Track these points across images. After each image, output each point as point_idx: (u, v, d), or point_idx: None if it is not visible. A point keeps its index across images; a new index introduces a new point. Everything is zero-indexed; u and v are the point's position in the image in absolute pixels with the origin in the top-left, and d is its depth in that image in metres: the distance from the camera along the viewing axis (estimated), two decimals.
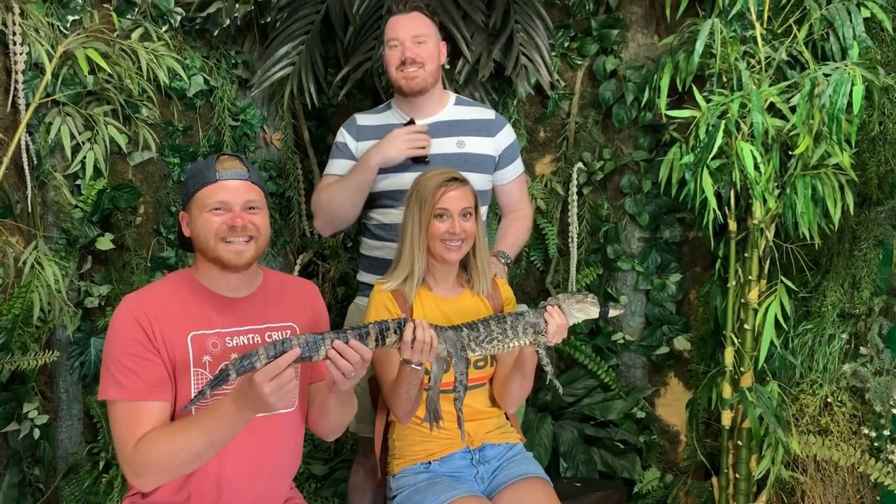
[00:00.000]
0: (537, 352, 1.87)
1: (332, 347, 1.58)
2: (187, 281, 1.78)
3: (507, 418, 2.21)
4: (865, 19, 2.46)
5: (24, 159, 2.54)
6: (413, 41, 2.30)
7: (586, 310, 1.88)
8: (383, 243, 2.40)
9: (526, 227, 2.57)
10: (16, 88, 2.51)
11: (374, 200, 2.41)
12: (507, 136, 2.48)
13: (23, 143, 2.52)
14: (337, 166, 2.43)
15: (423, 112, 2.40)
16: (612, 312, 1.91)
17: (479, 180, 2.36)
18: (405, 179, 2.26)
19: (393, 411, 2.01)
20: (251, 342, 1.77)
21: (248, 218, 1.74)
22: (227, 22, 2.87)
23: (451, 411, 1.89)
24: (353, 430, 2.39)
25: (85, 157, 2.63)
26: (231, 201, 1.72)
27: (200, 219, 1.73)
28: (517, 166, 2.52)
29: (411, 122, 2.38)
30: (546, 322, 1.83)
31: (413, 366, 1.76)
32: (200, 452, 1.59)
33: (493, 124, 2.45)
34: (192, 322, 1.72)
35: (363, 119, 2.48)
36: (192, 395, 1.69)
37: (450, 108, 2.45)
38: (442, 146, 2.37)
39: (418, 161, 2.33)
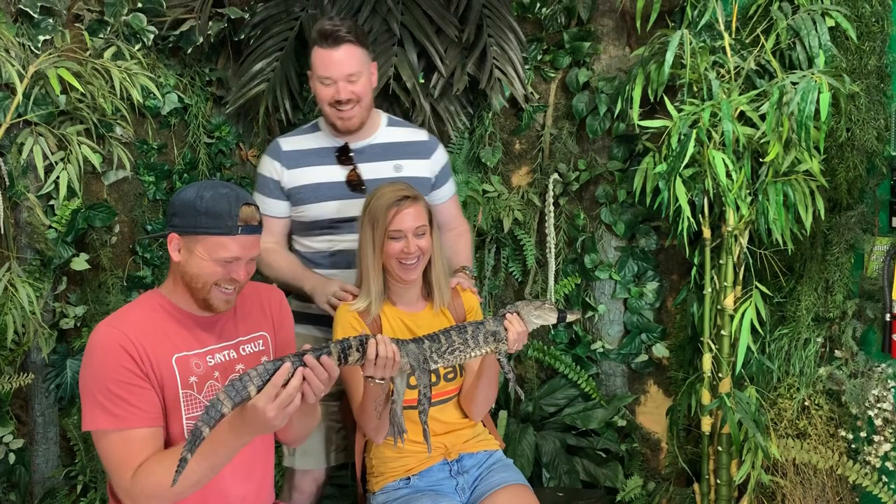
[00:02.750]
0: (499, 360, 1.87)
1: (304, 364, 1.55)
2: (161, 302, 1.76)
3: (484, 425, 2.22)
4: (830, 28, 2.51)
5: None
6: (346, 80, 2.20)
7: (544, 315, 1.90)
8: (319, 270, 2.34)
9: (470, 240, 2.60)
10: None
11: (307, 228, 2.36)
12: (441, 156, 2.46)
13: None
14: (271, 207, 2.32)
15: (357, 135, 2.33)
16: (570, 317, 1.93)
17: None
18: (332, 208, 2.28)
19: (365, 430, 2.00)
20: (228, 358, 1.77)
21: (248, 268, 1.73)
22: (201, 40, 2.86)
23: (419, 424, 1.88)
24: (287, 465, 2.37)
25: (58, 177, 2.61)
26: (242, 258, 1.70)
27: (205, 263, 1.68)
28: (451, 185, 2.52)
29: (345, 147, 2.31)
30: (506, 330, 1.84)
31: (377, 381, 1.76)
32: (200, 479, 1.57)
33: (427, 146, 2.42)
34: (174, 344, 1.71)
35: (289, 143, 2.37)
36: (183, 417, 1.69)
37: (383, 129, 2.40)
38: (378, 171, 2.32)
39: (355, 188, 2.28)
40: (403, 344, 1.76)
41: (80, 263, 2.69)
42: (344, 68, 2.20)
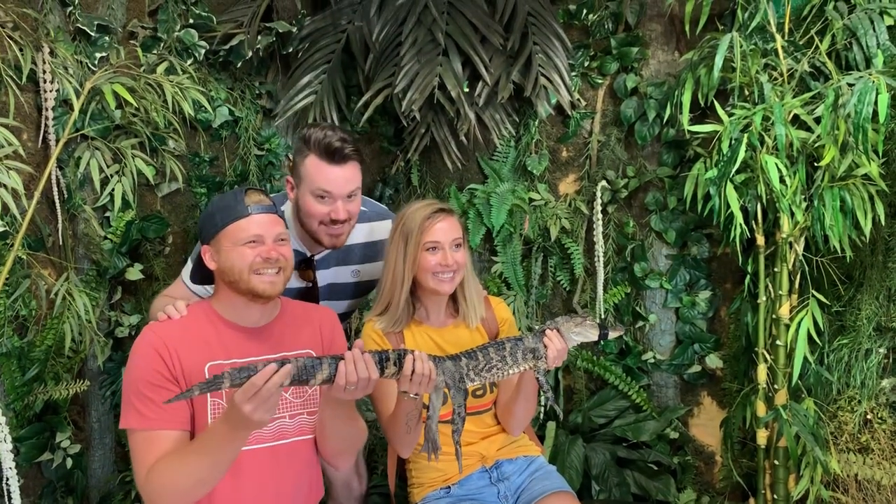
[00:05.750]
0: (537, 378, 1.84)
1: (343, 358, 1.59)
2: (207, 312, 1.80)
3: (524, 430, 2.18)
4: (889, 27, 2.43)
5: (55, 193, 2.60)
6: (346, 199, 2.08)
7: (585, 332, 1.85)
8: None
9: None
10: (46, 125, 2.58)
11: None
12: None
13: (53, 177, 2.59)
14: (189, 289, 2.17)
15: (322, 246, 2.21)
16: (612, 334, 1.87)
17: (352, 301, 2.34)
18: None
19: (392, 443, 1.98)
20: None
21: (280, 250, 1.77)
22: (250, 54, 2.92)
23: (451, 443, 1.85)
24: None
25: (113, 190, 2.68)
26: (265, 234, 1.75)
27: (234, 252, 1.74)
28: None
29: (309, 259, 2.21)
30: (545, 347, 1.80)
31: (411, 395, 1.75)
32: (204, 476, 1.59)
33: (385, 244, 2.22)
34: (211, 352, 1.73)
35: None
36: (209, 423, 1.71)
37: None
38: (337, 275, 2.27)
39: (307, 295, 2.19)
40: (440, 361, 1.75)
41: (134, 273, 2.76)
42: (348, 187, 2.07)
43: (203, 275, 1.97)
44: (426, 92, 2.80)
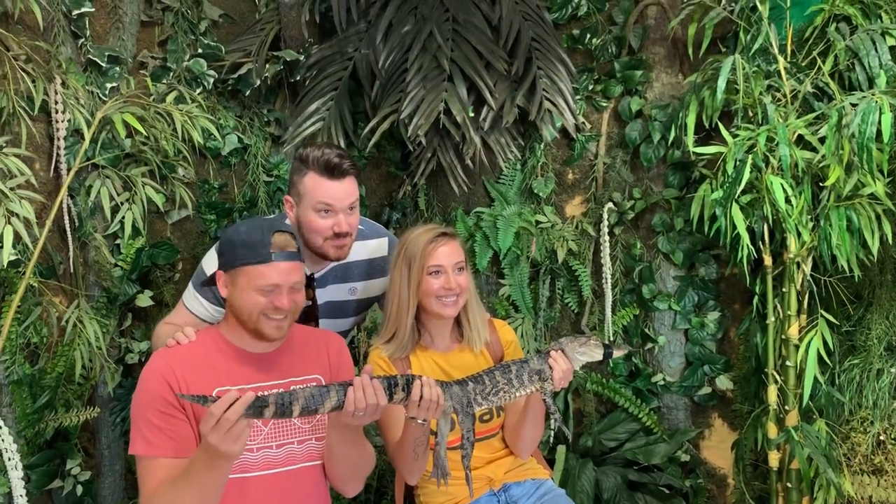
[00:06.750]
0: (544, 400, 1.84)
1: (351, 384, 1.59)
2: (215, 338, 1.81)
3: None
4: (891, 47, 2.45)
5: (66, 221, 2.64)
6: (347, 211, 2.12)
7: (590, 352, 1.86)
8: None
9: None
10: (58, 154, 2.62)
11: None
12: None
13: (65, 205, 2.62)
14: (196, 305, 2.18)
15: (322, 263, 2.24)
16: (617, 353, 1.88)
17: (352, 319, 2.35)
18: None
19: (400, 470, 1.97)
20: None
21: (294, 298, 1.75)
22: (258, 82, 2.96)
23: (460, 469, 1.84)
24: None
25: (124, 217, 2.71)
26: (282, 284, 1.72)
27: (248, 294, 1.72)
28: None
29: (310, 278, 2.20)
30: (551, 368, 1.81)
31: (419, 421, 1.74)
32: (202, 500, 1.58)
33: (386, 261, 2.28)
34: (219, 378, 1.74)
35: None
36: None
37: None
38: (335, 293, 2.28)
39: (307, 315, 2.18)
40: (447, 386, 1.74)
41: (144, 300, 2.78)
42: (348, 199, 2.11)
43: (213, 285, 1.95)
44: (432, 117, 2.82)
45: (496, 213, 3.08)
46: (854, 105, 2.23)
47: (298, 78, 3.06)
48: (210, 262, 2.14)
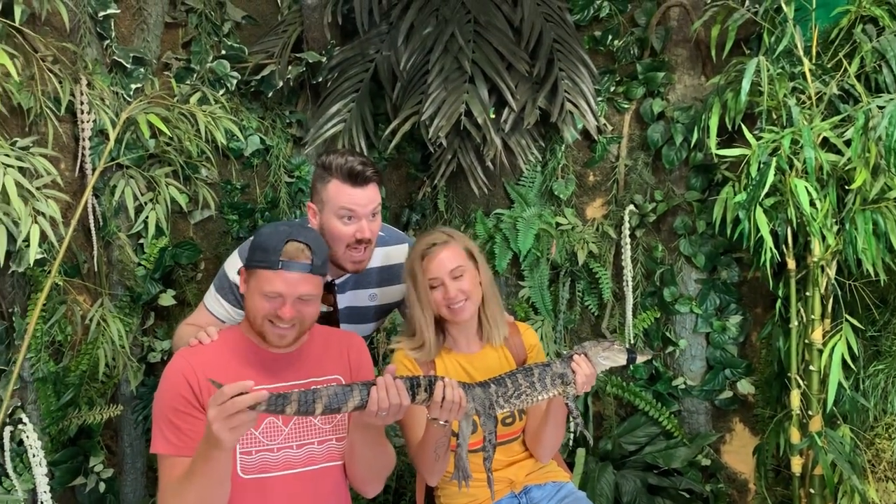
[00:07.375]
0: (566, 404, 1.83)
1: (374, 384, 1.60)
2: (236, 337, 1.82)
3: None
4: None
5: (91, 221, 2.67)
6: (369, 217, 2.10)
7: (613, 357, 1.84)
8: None
9: None
10: (83, 154, 2.65)
11: None
12: None
13: (89, 205, 2.65)
14: (217, 309, 2.18)
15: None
16: (640, 358, 1.87)
17: (373, 324, 2.35)
18: None
19: (420, 470, 1.97)
20: None
21: (298, 308, 1.73)
22: (281, 84, 2.98)
23: (481, 470, 1.83)
24: None
25: (147, 217, 2.74)
26: (286, 294, 1.71)
27: (255, 296, 1.73)
28: None
29: (330, 284, 2.19)
30: (574, 372, 1.80)
31: (441, 422, 1.74)
32: (202, 495, 1.58)
33: (401, 268, 2.25)
34: (237, 377, 1.73)
35: None
36: (237, 450, 1.71)
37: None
38: (355, 299, 2.28)
39: (329, 319, 2.19)
40: (470, 388, 1.74)
41: (167, 299, 2.81)
42: (371, 206, 2.10)
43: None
44: (453, 119, 2.83)
45: (516, 214, 3.08)
46: (881, 108, 2.20)
47: (320, 79, 3.07)
48: (232, 265, 2.16)
